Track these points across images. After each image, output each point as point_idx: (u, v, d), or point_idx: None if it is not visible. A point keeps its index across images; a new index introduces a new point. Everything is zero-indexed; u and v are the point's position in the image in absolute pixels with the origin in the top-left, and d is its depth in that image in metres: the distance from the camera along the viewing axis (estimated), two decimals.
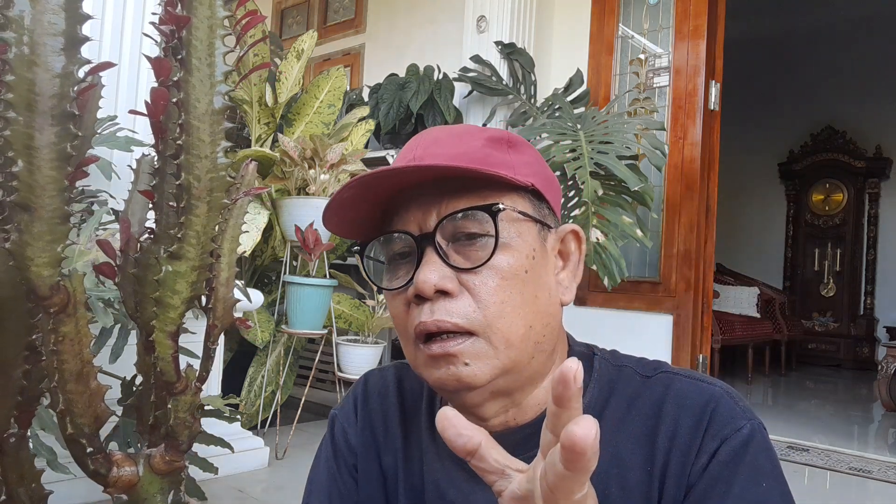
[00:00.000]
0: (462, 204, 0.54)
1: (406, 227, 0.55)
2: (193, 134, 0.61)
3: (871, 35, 6.31)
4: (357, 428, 0.70)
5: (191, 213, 0.63)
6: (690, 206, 2.98)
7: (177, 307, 0.66)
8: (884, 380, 4.06)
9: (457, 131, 0.59)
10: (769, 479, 0.52)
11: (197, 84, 0.60)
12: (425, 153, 0.56)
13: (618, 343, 0.69)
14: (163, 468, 0.72)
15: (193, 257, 0.65)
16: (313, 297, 2.51)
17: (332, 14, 4.67)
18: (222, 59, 0.61)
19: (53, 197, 0.56)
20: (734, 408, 0.54)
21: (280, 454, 2.46)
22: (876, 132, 6.50)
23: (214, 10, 0.60)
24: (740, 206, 7.05)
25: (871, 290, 6.50)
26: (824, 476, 2.58)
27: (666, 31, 3.15)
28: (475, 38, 3.43)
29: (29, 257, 0.57)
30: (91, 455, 0.67)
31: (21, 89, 0.53)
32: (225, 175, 0.64)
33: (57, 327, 0.62)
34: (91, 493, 1.44)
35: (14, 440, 0.67)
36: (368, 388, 0.72)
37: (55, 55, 0.54)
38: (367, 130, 3.20)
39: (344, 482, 0.69)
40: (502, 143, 0.58)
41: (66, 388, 0.63)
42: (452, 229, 0.54)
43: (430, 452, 0.64)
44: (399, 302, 0.56)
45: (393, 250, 0.57)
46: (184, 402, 0.72)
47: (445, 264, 0.53)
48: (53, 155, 0.55)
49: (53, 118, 0.54)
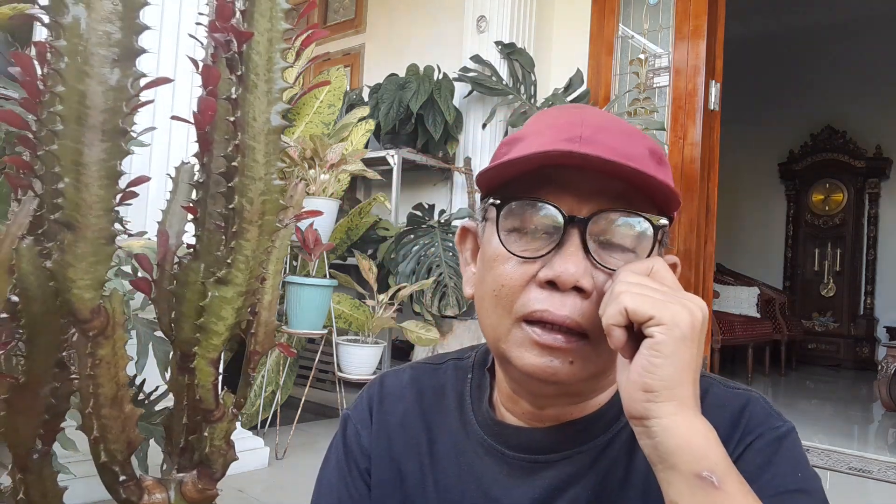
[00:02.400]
0: (620, 207, 0.52)
1: (559, 204, 0.52)
2: (248, 154, 0.57)
3: (871, 35, 6.30)
4: (371, 430, 0.69)
5: (241, 237, 0.60)
6: (690, 206, 2.98)
7: (221, 334, 0.63)
8: (884, 380, 4.06)
9: (622, 126, 0.56)
10: (805, 472, 0.53)
11: (255, 101, 0.56)
12: (594, 137, 0.52)
13: None
14: (195, 496, 0.70)
15: (241, 283, 0.62)
16: (313, 297, 2.51)
17: (332, 14, 4.67)
18: (280, 74, 0.57)
19: (100, 217, 0.53)
20: (770, 411, 0.56)
21: (280, 454, 2.46)
22: (876, 132, 6.50)
23: (275, 23, 0.56)
24: (740, 206, 7.05)
25: (871, 290, 6.50)
26: (824, 476, 2.58)
27: (666, 31, 3.15)
28: (475, 38, 3.43)
29: (71, 278, 0.53)
30: (123, 483, 0.65)
31: (71, 101, 0.50)
32: (278, 198, 0.60)
33: (94, 350, 0.59)
34: (91, 493, 1.44)
35: (37, 457, 0.65)
36: (384, 390, 0.71)
37: (109, 67, 0.51)
38: (367, 130, 3.20)
39: (355, 486, 0.68)
40: (658, 157, 0.55)
41: (100, 413, 0.61)
42: (603, 228, 0.52)
43: (468, 451, 0.63)
44: (519, 273, 0.53)
45: (532, 217, 0.54)
46: (220, 429, 0.69)
47: (587, 258, 0.52)
48: (103, 172, 0.52)
49: (104, 133, 0.51)
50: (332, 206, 2.74)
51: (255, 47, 0.55)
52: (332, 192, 2.74)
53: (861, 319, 6.46)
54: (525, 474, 0.59)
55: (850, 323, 6.49)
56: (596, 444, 0.58)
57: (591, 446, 0.58)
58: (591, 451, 0.58)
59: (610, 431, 0.58)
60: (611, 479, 0.57)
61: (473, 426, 0.63)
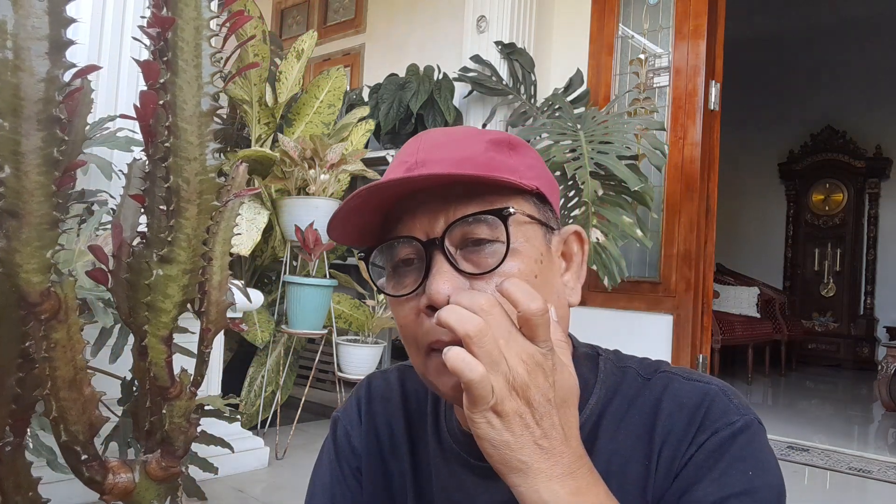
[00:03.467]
0: (470, 209, 0.53)
1: (412, 233, 0.54)
2: (181, 136, 0.60)
3: (871, 35, 6.30)
4: (361, 431, 0.70)
5: (180, 216, 0.62)
6: (690, 206, 2.98)
7: (169, 311, 0.65)
8: (884, 380, 4.06)
9: (457, 135, 0.58)
10: (757, 470, 0.52)
11: (184, 86, 0.59)
12: (428, 157, 0.55)
13: (618, 343, 0.69)
14: (159, 474, 0.71)
15: (184, 260, 0.64)
16: (313, 297, 2.51)
17: (332, 14, 4.66)
18: (209, 60, 0.60)
19: (41, 202, 0.55)
20: (728, 405, 0.55)
21: (280, 454, 2.46)
22: (876, 132, 6.50)
23: (200, 11, 0.59)
24: (740, 206, 7.05)
25: (871, 290, 6.50)
26: (824, 476, 2.58)
27: (666, 31, 3.15)
28: (475, 38, 3.43)
29: (18, 264, 0.56)
30: (86, 462, 0.66)
31: (6, 94, 0.52)
32: (214, 177, 0.63)
33: (48, 334, 0.61)
34: (90, 493, 1.44)
35: (10, 448, 0.66)
36: (372, 391, 0.71)
37: (39, 59, 0.53)
38: (367, 130, 3.20)
39: (348, 485, 0.69)
40: (503, 145, 0.57)
41: (59, 396, 0.62)
42: (461, 235, 0.53)
43: (437, 457, 0.64)
44: (407, 310, 0.55)
45: (398, 256, 0.56)
46: (178, 407, 0.71)
47: (456, 271, 0.52)
48: (40, 160, 0.54)
49: (39, 123, 0.54)
50: (332, 206, 2.74)
51: (180, 34, 0.58)
52: (332, 192, 2.74)
53: (861, 319, 6.46)
54: (490, 482, 0.58)
55: (850, 323, 6.49)
56: None
57: None
58: None
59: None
60: None
61: (445, 434, 0.64)
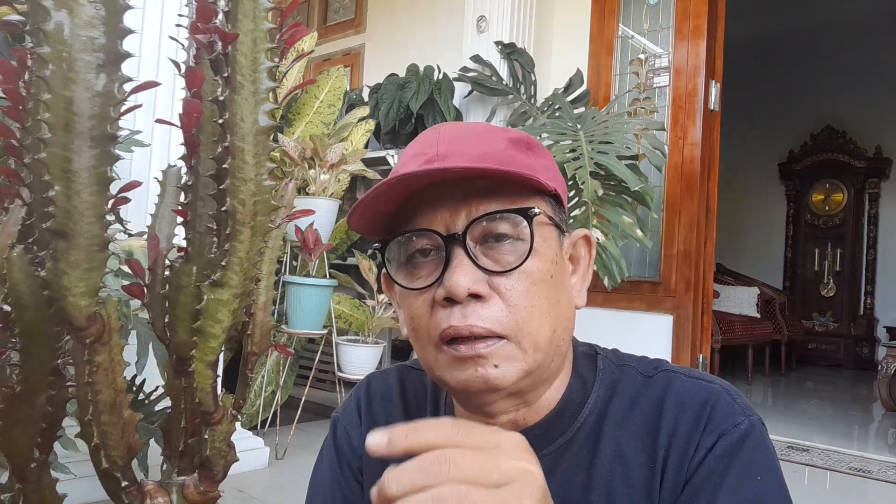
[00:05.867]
0: (492, 206, 0.53)
1: (432, 226, 0.54)
2: (238, 156, 0.57)
3: (871, 35, 6.30)
4: (361, 431, 0.69)
5: (235, 239, 0.59)
6: (690, 206, 2.98)
7: (218, 336, 0.63)
8: (884, 380, 4.06)
9: (478, 130, 0.58)
10: (765, 474, 0.52)
11: (242, 103, 0.55)
12: (449, 150, 0.54)
13: (618, 343, 0.69)
14: (197, 499, 0.70)
15: (236, 285, 0.61)
16: (313, 297, 2.51)
17: (332, 14, 4.66)
18: (266, 74, 0.57)
19: (92, 223, 0.52)
20: (733, 405, 0.55)
21: (280, 454, 2.46)
22: (876, 132, 6.50)
23: (259, 23, 0.55)
24: (740, 206, 7.05)
25: (871, 290, 6.50)
26: (824, 476, 2.58)
27: (666, 31, 3.15)
28: (475, 37, 3.43)
29: (66, 286, 0.53)
30: (125, 489, 0.64)
31: (58, 109, 0.49)
32: (269, 198, 0.60)
33: (92, 357, 0.59)
34: (91, 494, 1.44)
35: (35, 466, 0.64)
36: (371, 391, 0.71)
37: (95, 72, 0.50)
38: (367, 130, 3.20)
39: (348, 485, 0.69)
40: (522, 144, 0.57)
41: (100, 420, 0.61)
42: (482, 231, 0.53)
43: None
44: (422, 302, 0.55)
45: (415, 248, 0.55)
46: (220, 431, 0.70)
47: (476, 267, 0.52)
48: (93, 179, 0.51)
49: (93, 140, 0.50)
50: (332, 206, 2.74)
51: (240, 48, 0.55)
52: (332, 192, 2.74)
53: (861, 319, 6.46)
54: None
55: (850, 323, 6.49)
56: (555, 448, 0.58)
57: (549, 451, 0.58)
58: (550, 457, 0.58)
59: (567, 433, 0.59)
60: (573, 483, 0.57)
61: None
